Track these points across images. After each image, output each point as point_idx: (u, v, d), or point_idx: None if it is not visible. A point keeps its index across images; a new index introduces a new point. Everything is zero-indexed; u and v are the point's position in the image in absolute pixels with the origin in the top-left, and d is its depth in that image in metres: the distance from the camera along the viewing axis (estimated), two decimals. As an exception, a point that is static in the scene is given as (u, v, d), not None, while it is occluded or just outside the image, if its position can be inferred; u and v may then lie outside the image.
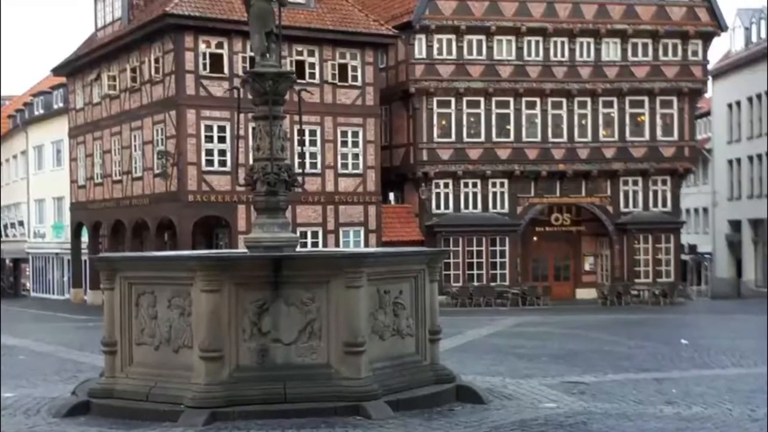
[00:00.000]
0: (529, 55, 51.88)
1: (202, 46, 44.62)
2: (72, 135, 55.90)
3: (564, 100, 52.42)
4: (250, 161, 15.68)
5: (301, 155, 39.72)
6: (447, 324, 19.06)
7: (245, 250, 15.56)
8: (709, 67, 57.62)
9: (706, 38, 54.07)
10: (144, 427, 13.00)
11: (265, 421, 12.91)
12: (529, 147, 52.06)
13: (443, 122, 51.25)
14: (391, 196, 52.56)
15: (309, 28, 46.19)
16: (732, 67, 67.26)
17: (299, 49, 46.34)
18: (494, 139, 51.70)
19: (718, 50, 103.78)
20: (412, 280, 14.84)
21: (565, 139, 52.59)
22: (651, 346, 25.47)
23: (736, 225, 67.22)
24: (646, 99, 53.34)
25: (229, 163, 44.08)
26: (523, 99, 51.91)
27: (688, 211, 70.67)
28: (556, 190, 52.92)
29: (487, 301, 48.81)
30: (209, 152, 44.68)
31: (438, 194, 51.37)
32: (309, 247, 40.34)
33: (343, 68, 47.61)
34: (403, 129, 51.83)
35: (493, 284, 50.71)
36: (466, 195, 51.63)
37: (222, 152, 44.67)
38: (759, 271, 63.64)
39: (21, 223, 71.17)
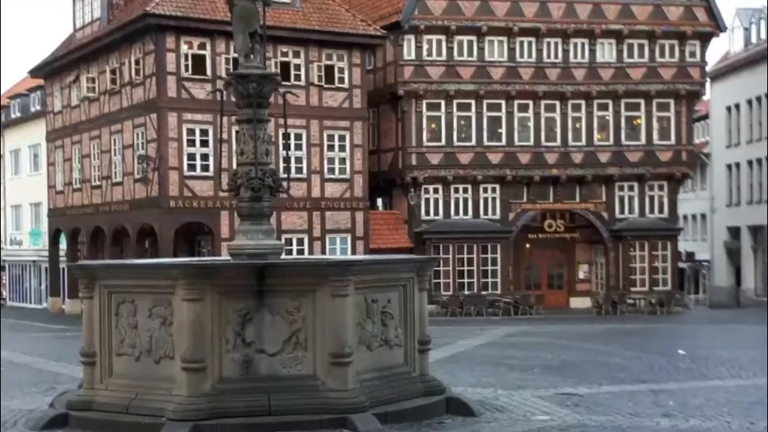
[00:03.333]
0: (522, 56, 51.56)
1: (183, 47, 44.43)
2: (50, 139, 55.73)
3: (557, 103, 52.10)
4: (234, 166, 15.66)
5: (287, 160, 39.57)
6: (437, 334, 19.79)
7: (228, 258, 15.66)
8: (708, 68, 57.46)
9: (704, 39, 53.83)
10: (125, 439, 13.09)
11: (249, 434, 12.89)
12: (522, 151, 51.75)
13: (433, 125, 50.95)
14: (379, 201, 52.24)
15: (294, 29, 45.92)
16: (731, 68, 67.16)
17: (284, 50, 46.11)
18: (485, 143, 51.39)
19: (717, 51, 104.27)
20: (401, 289, 14.78)
21: (558, 143, 52.26)
22: (647, 356, 25.39)
23: (735, 232, 67.11)
24: (642, 101, 53.02)
25: (211, 167, 43.96)
26: (516, 102, 51.55)
27: (685, 217, 70.69)
28: (549, 195, 52.63)
29: (478, 311, 48.52)
30: (191, 156, 44.42)
31: (427, 200, 51.07)
32: (294, 255, 40.64)
33: (329, 70, 47.41)
34: (392, 132, 51.50)
35: (484, 293, 50.54)
36: (457, 201, 51.38)
37: (204, 156, 44.47)
38: (759, 279, 63.50)
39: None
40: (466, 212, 51.27)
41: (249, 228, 14.85)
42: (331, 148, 47.20)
